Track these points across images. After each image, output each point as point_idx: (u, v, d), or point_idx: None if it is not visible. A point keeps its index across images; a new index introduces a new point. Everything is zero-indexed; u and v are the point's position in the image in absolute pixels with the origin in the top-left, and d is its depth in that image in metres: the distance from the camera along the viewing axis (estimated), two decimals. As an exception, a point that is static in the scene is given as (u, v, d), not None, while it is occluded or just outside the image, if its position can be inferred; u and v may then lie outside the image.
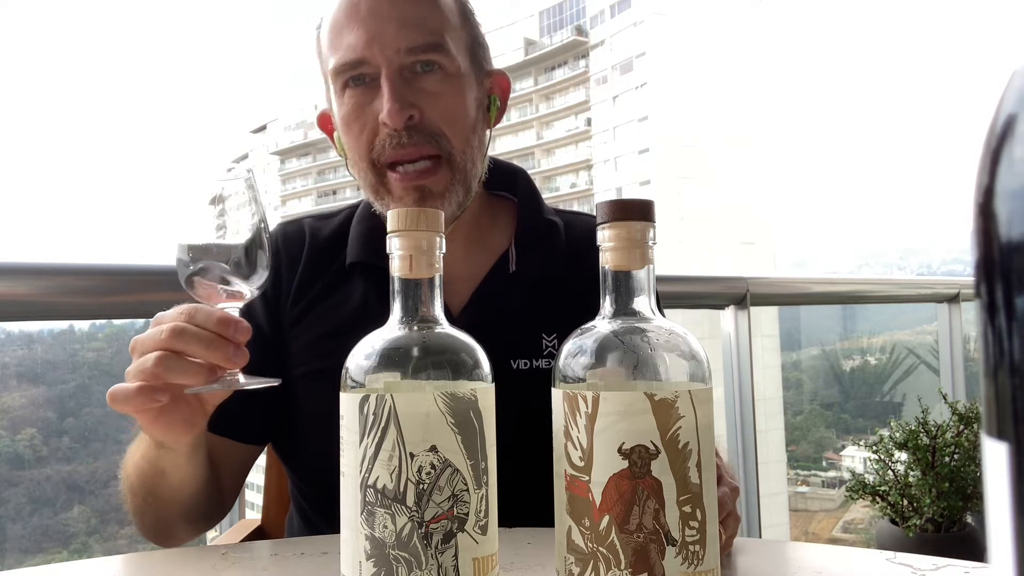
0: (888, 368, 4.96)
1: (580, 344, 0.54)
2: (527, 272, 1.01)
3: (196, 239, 0.72)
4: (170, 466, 0.83)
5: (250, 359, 0.71)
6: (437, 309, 0.56)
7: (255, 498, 1.34)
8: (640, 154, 44.02)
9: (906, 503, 2.11)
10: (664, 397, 0.50)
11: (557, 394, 0.54)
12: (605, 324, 0.54)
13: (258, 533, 1.19)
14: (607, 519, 0.50)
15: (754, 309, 2.35)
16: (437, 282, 0.56)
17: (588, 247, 0.62)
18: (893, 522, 2.14)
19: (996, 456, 0.21)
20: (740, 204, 41.86)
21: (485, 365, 0.55)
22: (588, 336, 0.54)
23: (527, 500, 0.74)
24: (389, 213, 0.56)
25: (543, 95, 52.46)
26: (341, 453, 0.54)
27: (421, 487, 0.51)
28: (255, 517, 1.27)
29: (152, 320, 0.74)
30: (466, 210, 1.01)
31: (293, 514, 1.09)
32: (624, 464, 0.50)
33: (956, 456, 2.11)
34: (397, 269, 0.55)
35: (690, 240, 39.05)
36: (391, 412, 0.51)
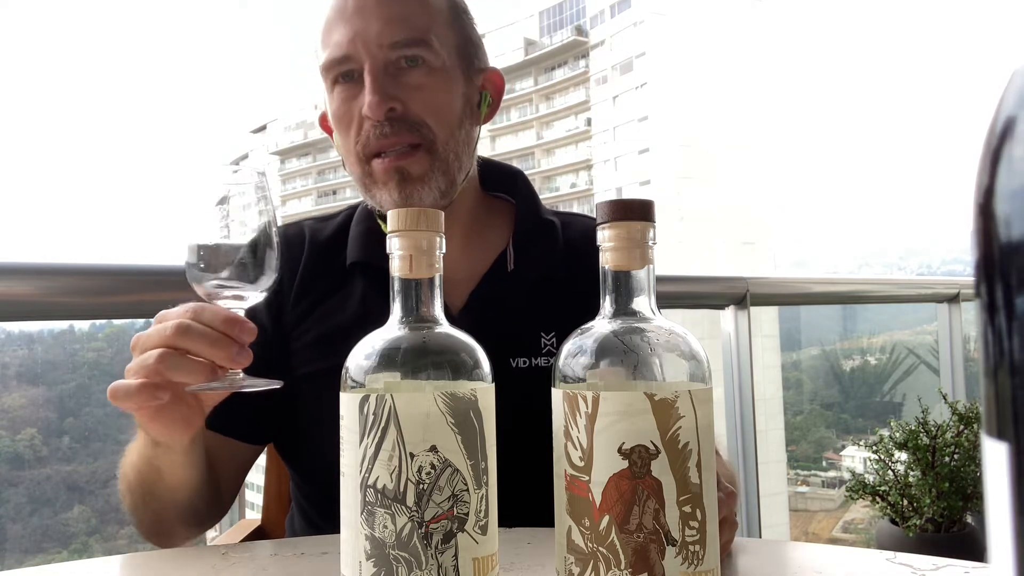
0: (888, 368, 4.96)
1: (580, 344, 0.54)
2: (525, 271, 1.02)
3: (205, 239, 0.72)
4: (167, 465, 0.83)
5: (252, 360, 0.71)
6: (437, 309, 0.56)
7: (255, 498, 1.34)
8: (640, 154, 44.05)
9: (906, 503, 2.11)
10: (664, 397, 0.50)
11: (557, 394, 0.54)
12: (605, 324, 0.54)
13: (258, 533, 1.19)
14: (607, 519, 0.50)
15: (754, 309, 2.35)
16: (437, 282, 0.56)
17: (585, 246, 0.62)
18: (893, 522, 2.14)
19: (996, 456, 0.21)
20: (740, 204, 41.83)
21: (485, 365, 0.55)
22: (588, 336, 0.54)
23: (527, 500, 0.74)
24: (389, 213, 0.56)
25: (543, 95, 52.47)
26: (341, 453, 0.54)
27: (421, 487, 0.51)
28: (255, 517, 1.27)
29: (155, 318, 0.74)
30: (463, 209, 1.02)
31: (293, 514, 1.09)
32: (624, 464, 0.50)
33: (956, 456, 2.11)
34: (397, 269, 0.55)
35: (690, 240, 39.03)
36: (391, 412, 0.51)
